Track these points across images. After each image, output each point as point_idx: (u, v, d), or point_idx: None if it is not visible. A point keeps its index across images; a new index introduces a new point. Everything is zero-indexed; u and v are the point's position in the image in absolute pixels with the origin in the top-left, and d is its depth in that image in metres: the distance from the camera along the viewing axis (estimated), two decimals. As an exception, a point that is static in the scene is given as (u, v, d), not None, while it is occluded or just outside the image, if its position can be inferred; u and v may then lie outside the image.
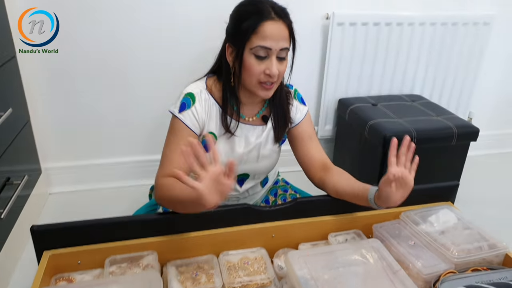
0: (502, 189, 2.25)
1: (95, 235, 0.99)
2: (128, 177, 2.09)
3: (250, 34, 1.06)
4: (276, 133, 1.25)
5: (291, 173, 2.21)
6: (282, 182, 1.49)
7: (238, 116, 1.18)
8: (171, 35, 1.88)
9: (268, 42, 1.06)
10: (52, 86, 1.84)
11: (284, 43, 1.08)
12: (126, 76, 1.90)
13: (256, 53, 1.07)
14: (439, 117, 1.96)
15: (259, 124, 1.24)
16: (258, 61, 1.08)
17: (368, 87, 2.22)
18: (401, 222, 1.14)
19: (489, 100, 2.53)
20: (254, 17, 1.06)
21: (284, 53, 1.10)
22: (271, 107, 1.23)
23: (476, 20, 2.19)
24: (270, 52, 1.07)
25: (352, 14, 2.02)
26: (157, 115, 2.00)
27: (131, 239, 1.00)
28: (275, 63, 1.08)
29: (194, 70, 1.28)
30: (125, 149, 2.06)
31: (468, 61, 2.29)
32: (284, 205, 1.11)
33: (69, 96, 1.88)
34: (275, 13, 1.07)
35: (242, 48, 1.08)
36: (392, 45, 2.14)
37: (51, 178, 1.99)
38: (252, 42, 1.06)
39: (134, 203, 1.51)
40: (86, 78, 1.86)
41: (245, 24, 1.07)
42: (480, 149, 2.56)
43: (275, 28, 1.06)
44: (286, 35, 1.09)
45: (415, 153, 1.02)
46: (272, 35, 1.06)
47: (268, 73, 1.08)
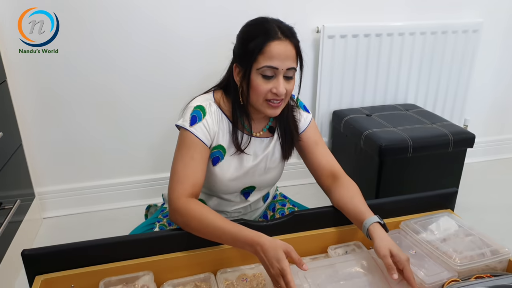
0: (501, 195, 2.24)
1: (88, 258, 0.96)
2: (124, 198, 2.07)
3: (256, 54, 1.05)
4: (284, 150, 1.24)
5: (289, 187, 2.21)
6: (280, 196, 1.47)
7: (249, 132, 1.18)
8: (167, 54, 1.89)
9: (274, 62, 1.05)
10: (44, 108, 1.83)
11: (290, 63, 1.07)
12: (120, 97, 1.90)
13: (263, 73, 1.06)
14: (434, 124, 1.96)
15: (266, 136, 1.23)
16: (265, 81, 1.07)
17: (361, 98, 2.23)
18: (401, 231, 1.12)
19: (483, 107, 2.54)
20: (260, 37, 1.05)
21: (291, 72, 1.09)
22: (276, 120, 1.23)
23: (465, 28, 2.22)
24: (277, 72, 1.06)
25: (342, 27, 2.04)
26: (151, 136, 2.00)
27: (126, 260, 0.98)
28: (282, 82, 1.07)
29: (191, 90, 1.27)
30: (120, 171, 2.04)
31: (460, 68, 2.31)
32: (281, 219, 1.09)
33: (62, 118, 1.87)
34: (282, 32, 1.06)
35: (249, 68, 1.07)
36: (384, 56, 2.15)
37: (45, 203, 1.96)
38: (259, 62, 1.06)
39: (131, 225, 1.49)
40: (79, 99, 1.86)
41: (252, 45, 1.06)
42: (477, 156, 2.56)
43: (282, 48, 1.05)
44: (293, 55, 1.08)
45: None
46: (278, 55, 1.05)
47: (275, 92, 1.07)
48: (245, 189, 1.25)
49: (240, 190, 1.24)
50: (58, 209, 1.99)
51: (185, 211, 1.00)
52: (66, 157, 1.93)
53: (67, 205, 2.00)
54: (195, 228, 0.99)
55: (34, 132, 1.85)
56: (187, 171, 1.06)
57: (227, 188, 1.20)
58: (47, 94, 1.81)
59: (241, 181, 1.21)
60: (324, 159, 1.22)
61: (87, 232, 1.88)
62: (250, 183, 1.24)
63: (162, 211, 1.36)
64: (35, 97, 1.80)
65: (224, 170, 1.17)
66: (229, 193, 1.23)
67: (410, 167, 1.84)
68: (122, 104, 1.91)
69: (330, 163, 1.22)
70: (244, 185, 1.23)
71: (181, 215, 1.01)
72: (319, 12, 2.02)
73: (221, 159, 1.16)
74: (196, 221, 0.98)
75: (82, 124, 1.90)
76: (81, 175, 1.99)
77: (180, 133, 1.12)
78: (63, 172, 1.96)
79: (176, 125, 1.13)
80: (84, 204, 2.02)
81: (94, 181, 2.02)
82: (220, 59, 1.23)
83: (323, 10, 2.03)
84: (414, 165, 1.84)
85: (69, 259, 0.95)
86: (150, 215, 1.56)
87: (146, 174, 2.07)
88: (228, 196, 1.24)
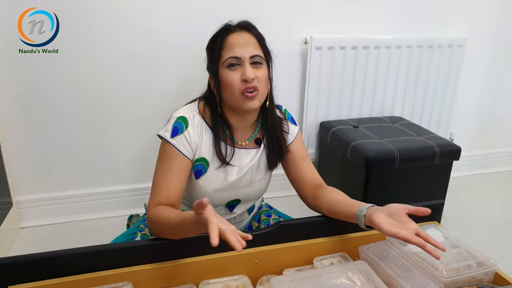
0: (487, 209, 2.25)
1: (65, 267, 0.92)
2: (105, 208, 2.02)
3: (219, 51, 1.09)
4: (270, 160, 1.21)
5: (275, 198, 2.18)
6: (266, 207, 1.45)
7: (232, 141, 1.15)
8: (153, 62, 1.87)
9: (236, 51, 1.06)
10: (24, 114, 1.79)
11: (253, 50, 1.08)
12: (102, 105, 1.87)
13: (228, 64, 1.07)
14: (421, 137, 1.97)
15: (252, 147, 1.20)
16: (232, 71, 1.07)
17: (348, 110, 2.23)
18: (387, 243, 1.11)
19: (469, 121, 2.57)
20: (220, 35, 1.10)
21: (257, 59, 1.08)
22: (263, 130, 1.20)
23: (450, 43, 2.25)
24: (241, 61, 1.07)
25: (330, 38, 2.05)
26: (134, 145, 1.96)
27: (104, 270, 0.94)
28: (249, 68, 1.06)
29: (176, 99, 1.27)
30: (102, 180, 1.99)
31: (446, 82, 2.34)
32: (266, 229, 1.07)
33: (43, 123, 1.82)
34: (238, 26, 1.11)
35: (217, 68, 1.09)
36: (371, 68, 2.17)
37: (22, 212, 1.90)
38: (222, 57, 1.08)
39: (112, 235, 1.44)
40: (59, 106, 1.82)
41: (214, 46, 1.11)
42: (462, 170, 2.58)
43: (240, 37, 1.08)
44: (253, 43, 1.09)
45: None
46: (238, 44, 1.07)
47: (244, 79, 1.06)
48: (230, 202, 1.22)
49: (225, 203, 1.22)
50: (36, 218, 1.93)
51: (153, 218, 1.00)
52: (46, 164, 1.88)
53: (46, 214, 1.94)
54: (164, 231, 0.97)
55: (13, 138, 1.80)
56: (162, 182, 1.05)
57: (212, 201, 1.17)
58: (27, 98, 1.77)
59: (226, 194, 1.18)
60: (309, 173, 1.21)
61: (66, 243, 1.82)
62: (235, 196, 1.21)
63: (144, 221, 1.32)
64: (15, 101, 1.76)
65: (208, 183, 1.14)
66: (214, 206, 1.21)
67: (396, 179, 1.84)
68: (105, 112, 1.88)
69: (315, 176, 1.21)
70: (229, 198, 1.20)
71: (151, 223, 1.00)
72: (307, 24, 2.03)
73: (204, 172, 1.13)
74: (161, 225, 0.97)
75: (63, 130, 1.86)
76: (61, 183, 1.94)
77: (161, 143, 1.11)
78: (43, 180, 1.90)
79: (158, 135, 1.11)
80: (64, 214, 1.96)
81: (75, 190, 1.97)
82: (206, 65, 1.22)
83: (311, 22, 2.04)
84: (400, 176, 1.84)
85: (44, 269, 0.91)
86: (132, 225, 1.52)
87: (128, 184, 2.02)
88: None
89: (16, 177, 1.84)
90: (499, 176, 2.68)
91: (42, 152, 1.86)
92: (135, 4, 1.77)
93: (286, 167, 1.24)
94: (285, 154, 1.21)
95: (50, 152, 1.87)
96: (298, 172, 1.21)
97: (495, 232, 2.02)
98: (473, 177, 2.63)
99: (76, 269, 0.92)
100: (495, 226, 2.08)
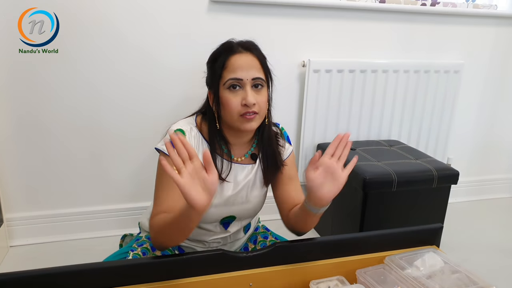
0: (486, 236, 2.23)
1: (54, 286, 0.89)
2: (99, 227, 1.98)
3: (220, 71, 1.08)
4: (266, 175, 1.20)
5: (272, 221, 2.15)
6: (263, 228, 1.43)
7: (229, 157, 1.15)
8: (149, 83, 1.87)
9: (238, 73, 1.06)
10: (19, 127, 1.77)
11: (255, 73, 1.08)
12: (99, 121, 1.86)
13: (229, 86, 1.07)
14: (418, 160, 1.96)
15: (248, 163, 1.20)
16: (233, 94, 1.07)
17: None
18: (385, 266, 1.08)
19: (466, 146, 2.57)
20: (223, 55, 1.09)
21: (259, 81, 1.08)
22: (259, 146, 1.20)
23: (446, 68, 2.27)
24: (243, 83, 1.06)
25: (328, 62, 2.07)
26: (130, 163, 1.95)
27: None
28: (250, 92, 1.06)
29: (171, 119, 1.25)
30: (96, 198, 1.96)
31: (442, 107, 2.35)
32: (262, 250, 1.04)
33: (37, 139, 1.81)
34: (242, 46, 1.11)
35: (217, 87, 1.09)
36: (368, 92, 2.18)
37: (13, 229, 1.86)
38: (224, 77, 1.07)
39: (105, 255, 1.41)
40: (56, 120, 1.81)
41: (216, 64, 1.10)
42: (460, 195, 2.57)
43: (243, 59, 1.08)
44: (256, 65, 1.09)
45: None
46: (240, 66, 1.07)
47: (245, 103, 1.06)
48: (225, 218, 1.20)
49: (219, 220, 1.19)
50: (27, 237, 1.89)
51: (154, 224, 1.00)
52: (38, 181, 1.86)
53: (37, 233, 1.90)
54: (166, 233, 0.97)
55: (5, 153, 1.78)
56: (163, 195, 1.04)
57: (205, 217, 1.15)
58: (22, 113, 1.76)
59: (220, 210, 1.16)
60: (294, 195, 1.19)
61: (57, 262, 1.73)
62: (230, 212, 1.19)
63: (137, 240, 1.29)
64: (9, 115, 1.75)
65: None
66: (208, 223, 1.19)
67: (394, 202, 1.82)
68: (101, 129, 1.87)
69: (297, 198, 1.19)
70: (224, 214, 1.18)
71: (152, 230, 1.00)
72: (305, 47, 2.05)
73: None
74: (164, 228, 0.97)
75: (58, 146, 1.84)
76: (54, 201, 1.90)
77: (159, 157, 1.09)
78: (35, 197, 1.87)
79: (156, 148, 1.11)
80: (55, 233, 1.92)
81: (68, 208, 1.93)
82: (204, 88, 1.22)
83: (309, 45, 2.06)
84: (398, 200, 1.82)
85: (31, 287, 0.88)
86: (125, 244, 1.48)
87: (123, 203, 1.99)
88: (206, 226, 1.19)
89: (7, 193, 1.81)
90: (497, 203, 2.66)
91: (34, 168, 1.84)
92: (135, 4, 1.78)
93: (273, 184, 1.23)
94: (281, 167, 1.20)
95: (43, 169, 1.85)
96: (283, 191, 1.20)
97: (494, 258, 1.99)
98: (470, 203, 2.61)
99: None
100: (494, 253, 2.05)
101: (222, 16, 1.88)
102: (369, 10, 2.11)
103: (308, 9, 2.01)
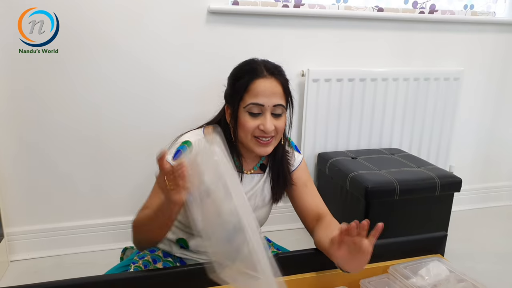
0: (490, 244, 2.20)
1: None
2: (100, 241, 1.97)
3: (242, 93, 1.07)
4: (274, 193, 1.20)
5: (274, 232, 2.14)
6: (264, 240, 1.41)
7: (240, 170, 1.15)
8: (155, 100, 1.89)
9: (260, 99, 1.05)
10: (20, 140, 1.77)
11: (277, 100, 1.07)
12: (101, 134, 1.86)
13: (250, 110, 1.07)
14: (420, 168, 1.95)
15: (257, 173, 1.20)
16: (252, 118, 1.07)
17: (346, 142, 2.22)
18: (390, 276, 1.07)
19: (468, 154, 2.56)
20: (246, 76, 1.08)
21: (279, 109, 1.08)
22: (270, 158, 1.20)
23: (446, 76, 2.28)
24: (263, 109, 1.06)
25: (327, 71, 2.07)
26: (130, 176, 1.94)
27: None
28: (269, 119, 1.06)
29: (174, 129, 1.25)
30: (96, 211, 1.95)
31: (443, 114, 2.34)
32: (264, 261, 1.03)
33: (38, 153, 1.80)
34: (267, 70, 1.08)
35: (237, 107, 1.08)
36: (368, 100, 2.18)
37: (13, 244, 1.85)
38: (245, 100, 1.07)
39: (106, 269, 1.40)
40: (57, 134, 1.81)
41: (238, 84, 1.09)
42: (463, 203, 2.55)
43: (267, 85, 1.06)
44: (279, 92, 1.08)
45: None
46: (264, 92, 1.06)
47: (262, 129, 1.06)
48: None
49: None
50: (27, 251, 1.87)
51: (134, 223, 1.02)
52: (39, 196, 1.85)
53: (38, 247, 1.88)
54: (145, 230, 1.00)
55: (6, 166, 1.77)
56: (153, 198, 1.05)
57: None
58: (22, 125, 1.76)
59: None
60: (311, 201, 1.19)
61: (58, 276, 1.71)
62: None
63: (138, 253, 1.28)
64: (9, 128, 1.75)
65: None
66: None
67: (397, 211, 1.81)
68: (102, 142, 1.87)
69: (316, 204, 1.19)
70: None
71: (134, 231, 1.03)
72: (303, 56, 2.06)
73: None
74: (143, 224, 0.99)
75: (58, 160, 1.83)
76: (54, 215, 1.89)
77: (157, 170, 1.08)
78: (35, 211, 1.86)
79: None
80: (56, 247, 1.91)
81: (69, 222, 1.92)
82: (209, 106, 1.24)
83: (308, 54, 2.07)
84: (401, 208, 1.81)
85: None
86: (126, 257, 1.47)
87: (124, 216, 1.98)
88: None
89: (7, 207, 1.80)
90: (502, 210, 2.63)
91: (35, 183, 1.83)
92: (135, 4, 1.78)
93: (289, 194, 1.23)
94: (289, 186, 1.20)
95: (43, 184, 1.84)
96: (300, 200, 1.20)
97: (499, 267, 1.97)
98: (474, 211, 2.59)
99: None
100: (500, 261, 2.02)
101: (221, 27, 1.89)
102: (367, 19, 2.12)
103: (307, 19, 2.02)
